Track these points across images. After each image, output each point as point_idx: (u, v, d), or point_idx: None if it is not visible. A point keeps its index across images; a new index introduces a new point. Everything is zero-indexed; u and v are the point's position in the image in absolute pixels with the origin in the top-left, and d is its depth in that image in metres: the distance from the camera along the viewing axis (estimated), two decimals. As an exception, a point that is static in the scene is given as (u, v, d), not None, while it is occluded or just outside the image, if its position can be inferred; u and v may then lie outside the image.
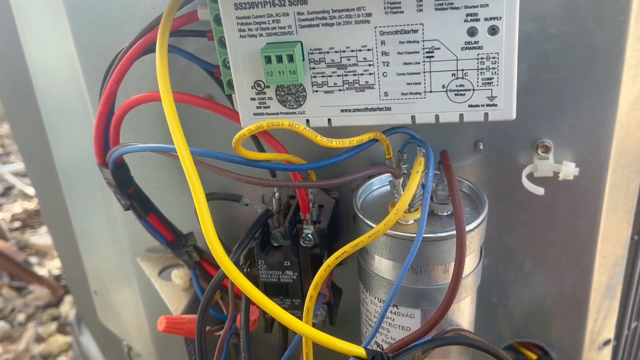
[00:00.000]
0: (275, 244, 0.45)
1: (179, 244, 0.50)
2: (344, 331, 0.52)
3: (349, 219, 0.52)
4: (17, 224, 2.21)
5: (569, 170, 0.44)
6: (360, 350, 0.35)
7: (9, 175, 2.57)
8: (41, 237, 2.04)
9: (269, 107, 0.38)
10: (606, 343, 0.55)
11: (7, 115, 0.95)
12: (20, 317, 1.67)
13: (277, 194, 0.46)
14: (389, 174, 0.43)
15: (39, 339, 1.58)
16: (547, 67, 0.43)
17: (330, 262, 0.38)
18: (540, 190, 0.45)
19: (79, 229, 0.68)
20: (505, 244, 0.50)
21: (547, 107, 0.44)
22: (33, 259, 1.93)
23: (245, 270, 0.48)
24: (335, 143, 0.36)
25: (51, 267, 1.87)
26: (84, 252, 0.70)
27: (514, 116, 0.36)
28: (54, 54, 0.53)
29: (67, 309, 1.66)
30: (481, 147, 0.46)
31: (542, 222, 0.49)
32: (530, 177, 0.46)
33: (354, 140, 0.37)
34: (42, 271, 1.85)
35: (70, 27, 0.48)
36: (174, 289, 0.52)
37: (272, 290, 0.46)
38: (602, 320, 0.53)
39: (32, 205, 2.31)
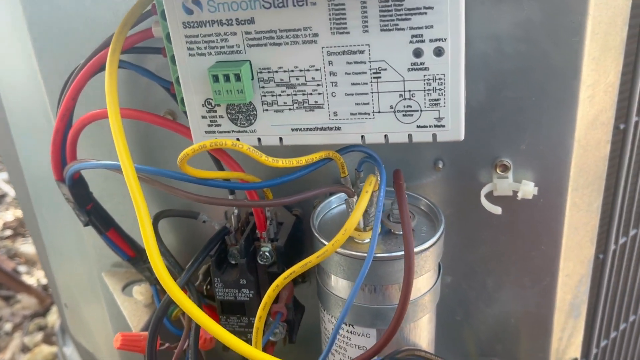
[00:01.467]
0: (233, 262, 0.45)
1: (139, 259, 0.50)
2: (307, 349, 0.52)
3: (312, 234, 0.51)
4: (8, 232, 2.20)
5: (527, 189, 0.44)
6: (305, 372, 0.35)
7: (1, 183, 2.56)
8: (30, 246, 2.04)
9: (220, 125, 0.38)
10: (573, 362, 0.55)
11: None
12: (7, 326, 1.66)
13: (235, 211, 0.46)
14: (346, 192, 0.43)
15: (25, 349, 1.57)
16: (504, 85, 0.43)
17: (279, 282, 0.38)
18: (497, 210, 0.45)
19: (48, 241, 0.68)
20: (467, 261, 0.50)
21: (505, 125, 0.44)
22: (22, 268, 1.92)
23: (204, 286, 0.48)
24: (281, 163, 0.36)
25: (40, 276, 1.87)
26: (54, 265, 0.69)
27: (462, 137, 0.36)
28: (19, 69, 0.53)
29: (54, 318, 1.65)
30: (440, 166, 0.46)
31: (503, 241, 0.48)
32: (490, 195, 0.46)
33: (302, 160, 0.37)
34: (30, 280, 1.84)
35: (32, 43, 0.48)
36: (135, 305, 0.52)
37: (229, 308, 0.46)
38: (567, 339, 0.53)
39: (23, 213, 2.31)
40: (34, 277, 1.86)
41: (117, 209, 0.51)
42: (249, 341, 0.41)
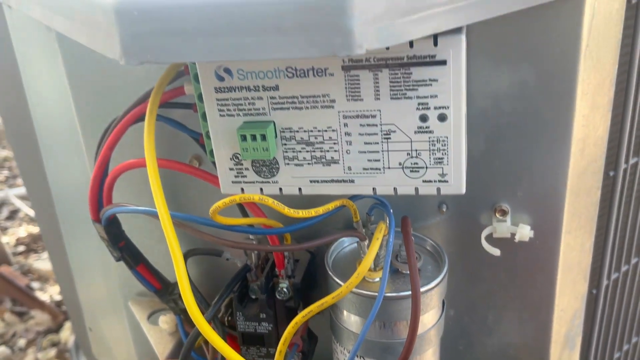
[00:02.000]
0: (253, 296, 0.49)
1: (165, 292, 0.54)
2: (320, 376, 0.56)
3: (325, 270, 0.55)
4: (21, 248, 2.25)
5: (524, 232, 0.48)
6: (321, 402, 0.39)
7: (15, 199, 2.61)
8: (44, 262, 2.08)
9: (245, 176, 0.43)
10: (568, 390, 0.58)
11: (9, 141, 0.99)
12: (21, 342, 1.70)
13: (256, 250, 0.50)
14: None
15: (39, 365, 1.61)
16: (502, 138, 0.47)
17: (297, 320, 0.42)
18: (496, 252, 0.49)
19: (74, 262, 0.72)
20: (469, 296, 0.54)
21: (503, 174, 0.48)
22: (35, 284, 1.97)
23: (226, 318, 0.52)
24: (301, 214, 0.40)
25: (53, 292, 1.91)
26: (79, 285, 0.74)
27: (463, 191, 0.40)
28: (57, 112, 0.58)
29: (67, 335, 1.69)
30: (444, 209, 0.50)
31: (502, 278, 0.52)
32: (489, 237, 0.50)
33: (320, 210, 0.41)
34: (43, 296, 1.88)
35: (71, 92, 0.52)
36: (160, 333, 0.56)
37: (250, 339, 0.50)
38: (562, 369, 0.57)
39: (36, 229, 2.35)
40: (47, 294, 1.90)
41: (144, 244, 0.55)
42: (268, 371, 0.45)
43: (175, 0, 0.31)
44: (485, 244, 0.49)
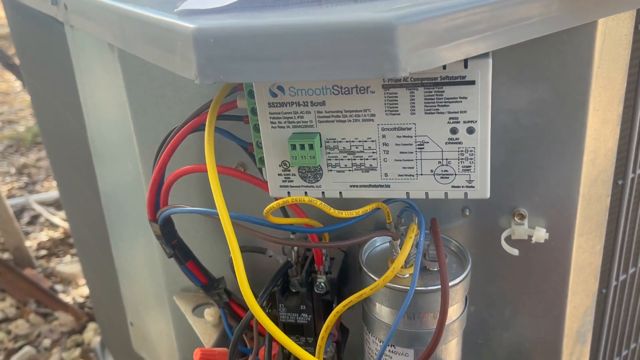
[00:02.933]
0: (294, 290, 0.54)
1: (211, 286, 0.60)
2: (351, 365, 0.61)
3: (356, 268, 0.61)
4: (43, 252, 2.31)
5: (540, 234, 0.53)
6: (361, 382, 0.44)
7: (35, 205, 2.68)
8: (66, 266, 2.15)
9: (292, 181, 0.48)
10: (580, 383, 0.63)
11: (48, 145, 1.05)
12: (46, 342, 1.76)
13: (295, 248, 0.55)
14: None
15: (63, 364, 1.67)
16: (520, 149, 0.52)
17: (339, 309, 0.47)
18: (514, 252, 0.54)
19: (119, 261, 0.78)
20: (488, 293, 0.59)
21: (521, 181, 0.53)
22: (58, 287, 2.03)
23: (267, 310, 0.57)
24: (344, 214, 0.45)
25: (75, 294, 1.97)
26: (123, 284, 0.79)
27: (488, 195, 0.45)
28: (109, 107, 0.63)
29: (90, 335, 1.75)
30: (467, 213, 0.55)
31: (519, 276, 0.57)
32: (508, 239, 0.55)
33: (360, 211, 0.46)
34: (67, 299, 1.95)
35: (129, 104, 0.58)
36: (205, 325, 0.61)
37: (290, 329, 0.55)
38: (574, 362, 0.61)
39: (57, 234, 2.42)
40: (70, 296, 1.97)
41: (191, 242, 0.61)
42: (309, 357, 0.50)
43: (245, 28, 0.36)
44: (504, 245, 0.54)
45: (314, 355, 0.49)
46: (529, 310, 0.59)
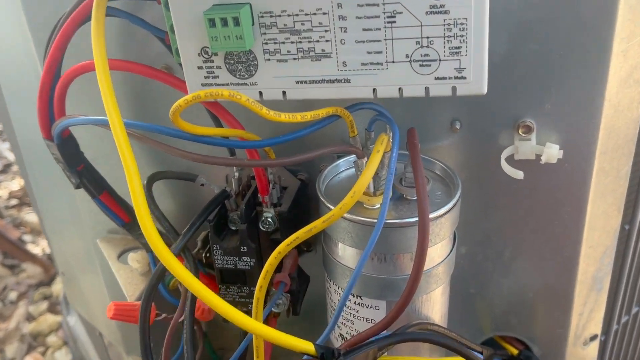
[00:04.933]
0: (233, 228, 0.42)
1: (135, 225, 0.47)
2: (312, 321, 0.50)
3: (318, 201, 0.48)
4: (14, 201, 2.19)
5: (552, 152, 0.41)
6: (309, 347, 0.32)
7: (7, 152, 2.55)
8: (36, 215, 2.03)
9: (217, 76, 0.35)
10: (592, 338, 0.52)
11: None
12: (12, 295, 1.65)
13: (236, 174, 0.43)
14: (355, 154, 0.40)
15: (30, 318, 1.57)
16: (529, 37, 0.39)
17: (281, 248, 0.35)
18: (519, 174, 0.41)
19: (42, 207, 0.65)
20: (483, 230, 0.47)
21: (529, 82, 0.40)
22: (27, 237, 1.91)
23: (203, 254, 0.45)
24: (284, 117, 0.32)
25: (44, 245, 1.86)
26: (50, 232, 0.67)
27: (484, 90, 0.32)
28: (6, 23, 0.50)
29: (59, 287, 1.64)
30: (457, 127, 0.42)
31: (522, 208, 0.45)
32: (510, 159, 0.42)
33: (308, 115, 0.33)
34: (35, 249, 1.83)
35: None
36: (131, 273, 0.49)
37: (229, 277, 0.43)
38: (588, 314, 0.50)
39: (29, 182, 2.30)
40: (39, 247, 1.85)
41: (114, 172, 0.48)
42: (249, 312, 0.38)
43: None
44: (505, 166, 0.42)
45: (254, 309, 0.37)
46: (534, 251, 0.47)
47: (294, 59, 0.33)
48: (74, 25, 0.38)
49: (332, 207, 0.37)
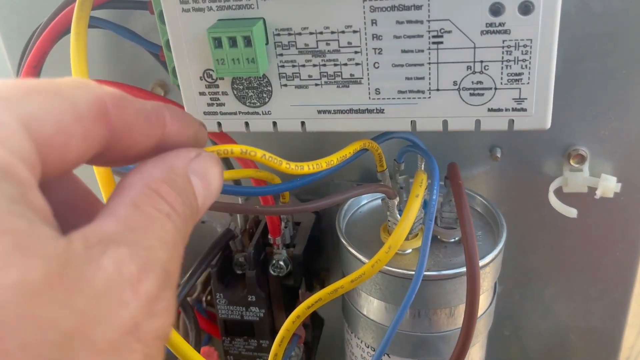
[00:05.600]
0: (239, 272, 0.36)
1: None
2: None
3: (333, 234, 0.43)
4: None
5: (608, 186, 0.35)
6: None
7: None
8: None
9: (223, 104, 0.29)
10: (637, 382, 0.47)
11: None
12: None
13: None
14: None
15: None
16: (587, 54, 0.33)
17: (300, 312, 0.29)
18: (572, 213, 0.36)
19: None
20: (522, 268, 0.41)
21: (584, 105, 0.35)
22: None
23: (205, 298, 0.40)
24: (308, 169, 0.27)
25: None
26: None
27: (548, 125, 0.27)
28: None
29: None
30: (498, 155, 0.37)
31: (569, 245, 0.40)
32: (558, 192, 0.37)
33: (333, 160, 0.28)
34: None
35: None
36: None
37: (234, 329, 0.37)
38: (635, 358, 0.45)
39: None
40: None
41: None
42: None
43: None
44: (555, 202, 0.36)
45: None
46: (578, 291, 0.42)
47: (316, 85, 0.28)
48: (52, 38, 0.32)
49: (360, 258, 0.31)
